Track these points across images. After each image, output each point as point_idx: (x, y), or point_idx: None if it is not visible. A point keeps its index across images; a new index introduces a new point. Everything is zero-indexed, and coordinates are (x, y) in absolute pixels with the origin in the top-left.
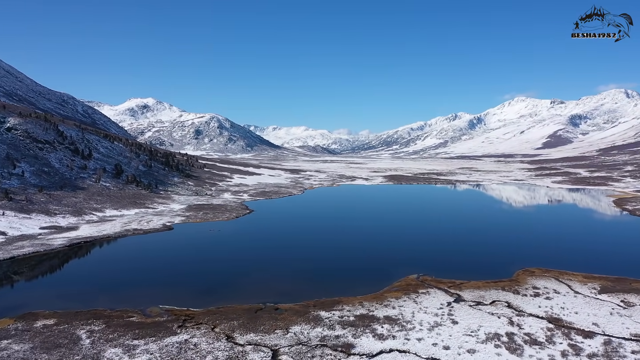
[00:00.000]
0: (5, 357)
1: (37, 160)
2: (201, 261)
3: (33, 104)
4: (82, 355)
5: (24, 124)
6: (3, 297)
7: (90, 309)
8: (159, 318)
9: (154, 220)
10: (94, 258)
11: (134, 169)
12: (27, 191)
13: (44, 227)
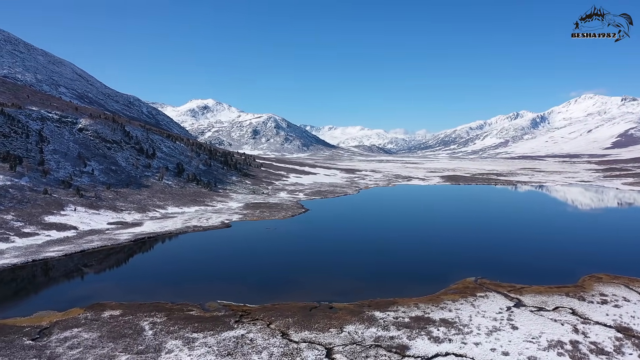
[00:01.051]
0: (75, 344)
1: (106, 159)
2: (257, 258)
3: (102, 105)
4: (145, 345)
5: (94, 124)
6: (74, 288)
7: (152, 302)
8: (217, 313)
9: (212, 217)
10: (157, 253)
11: (194, 167)
12: (96, 188)
13: (111, 223)
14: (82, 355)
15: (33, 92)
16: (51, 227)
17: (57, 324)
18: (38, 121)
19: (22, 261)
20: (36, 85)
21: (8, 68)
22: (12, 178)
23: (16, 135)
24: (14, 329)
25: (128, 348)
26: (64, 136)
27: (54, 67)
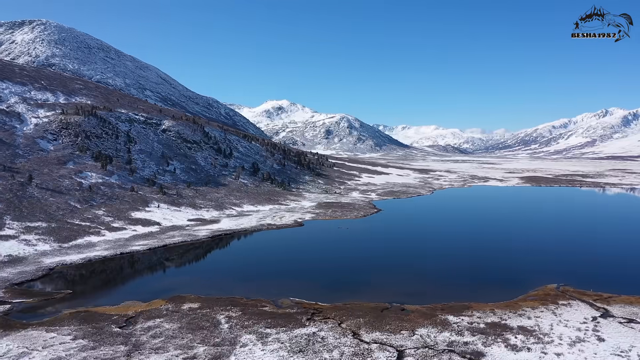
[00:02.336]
0: (158, 334)
1: (186, 158)
2: (329, 257)
3: (184, 107)
4: (222, 338)
5: (176, 125)
6: (157, 280)
7: (228, 296)
8: (289, 310)
9: (286, 216)
10: (232, 249)
11: (269, 167)
12: (177, 186)
13: (191, 219)
14: (163, 345)
15: (122, 96)
16: (137, 222)
17: (141, 313)
18: (126, 123)
19: (112, 254)
20: (125, 89)
21: (101, 73)
22: (103, 176)
23: (107, 136)
24: (103, 316)
25: (205, 340)
26: (149, 137)
27: (141, 72)
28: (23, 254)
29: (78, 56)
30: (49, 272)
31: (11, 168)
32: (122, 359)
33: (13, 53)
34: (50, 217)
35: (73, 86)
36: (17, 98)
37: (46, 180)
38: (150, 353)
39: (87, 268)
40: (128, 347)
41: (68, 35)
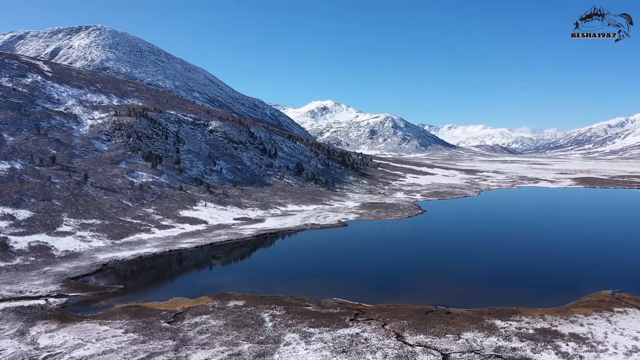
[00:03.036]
0: (204, 330)
1: (233, 158)
2: (373, 258)
3: (230, 108)
4: (266, 336)
5: (223, 126)
6: (204, 278)
7: (272, 295)
8: (333, 310)
9: (330, 216)
10: (277, 248)
11: (313, 167)
12: (224, 186)
13: (237, 218)
14: (209, 341)
15: (171, 98)
16: (185, 220)
17: (189, 309)
18: (175, 124)
19: (161, 251)
20: (174, 90)
21: (152, 76)
22: (153, 175)
23: (157, 137)
24: (153, 311)
25: (250, 337)
26: (197, 137)
27: (189, 74)
28: (79, 250)
29: (130, 59)
30: (103, 268)
31: (68, 167)
32: (170, 353)
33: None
34: (104, 214)
35: (125, 89)
36: (74, 100)
37: (100, 179)
38: (197, 348)
39: (137, 264)
40: (176, 342)
41: (121, 39)
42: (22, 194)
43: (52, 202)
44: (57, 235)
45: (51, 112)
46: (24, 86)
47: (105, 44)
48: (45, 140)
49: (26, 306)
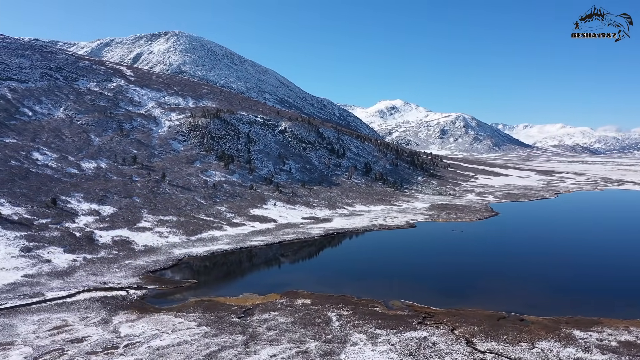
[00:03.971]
0: (273, 326)
1: (301, 158)
2: (442, 260)
3: (299, 109)
4: (332, 335)
5: (292, 126)
6: (273, 275)
7: (339, 294)
8: (400, 312)
9: (398, 217)
10: (344, 248)
11: (381, 167)
12: (292, 185)
13: (305, 217)
14: (277, 337)
15: (243, 99)
16: (255, 219)
17: (258, 306)
18: (247, 124)
19: (232, 247)
20: (246, 92)
21: (225, 78)
22: (225, 174)
23: (229, 137)
24: (224, 306)
25: (317, 336)
26: (267, 137)
27: (260, 76)
28: (156, 245)
29: (205, 63)
30: (178, 262)
31: (148, 166)
32: (240, 347)
33: (151, 62)
34: (180, 211)
35: (200, 91)
36: (153, 103)
37: (176, 178)
38: (266, 344)
39: (210, 260)
40: (245, 336)
41: (197, 44)
42: (107, 191)
43: (133, 199)
44: (137, 230)
45: (133, 114)
46: (109, 90)
47: (182, 49)
48: (128, 140)
49: (109, 296)
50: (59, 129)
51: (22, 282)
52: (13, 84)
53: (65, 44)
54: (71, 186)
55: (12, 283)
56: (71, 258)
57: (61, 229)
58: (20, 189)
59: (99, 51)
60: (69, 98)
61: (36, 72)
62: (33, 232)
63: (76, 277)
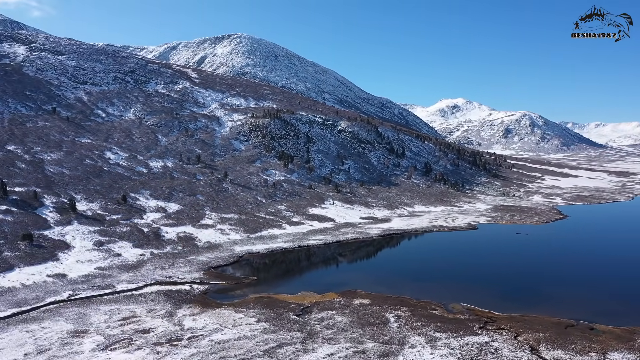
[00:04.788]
0: (330, 325)
1: (360, 158)
2: (505, 264)
3: (358, 108)
4: (390, 336)
5: (351, 126)
6: (330, 274)
7: (398, 296)
8: (461, 315)
9: (459, 218)
10: (403, 249)
11: (441, 167)
12: (351, 185)
13: (363, 217)
14: (335, 336)
15: (303, 99)
16: (314, 218)
17: (316, 304)
18: (306, 124)
19: (291, 246)
20: (305, 92)
21: (285, 79)
22: (285, 174)
23: (289, 137)
24: (282, 303)
25: (374, 336)
26: (326, 137)
27: (320, 76)
28: (218, 242)
29: (266, 64)
30: (239, 259)
31: (211, 165)
32: (298, 344)
33: (215, 64)
34: (241, 209)
35: (261, 92)
36: (216, 104)
37: (238, 177)
38: (323, 343)
39: (269, 257)
40: (303, 334)
41: (258, 45)
42: (172, 189)
43: (197, 197)
44: (201, 227)
45: (197, 115)
46: (175, 92)
47: (244, 51)
48: (192, 140)
49: (174, 290)
50: (129, 129)
51: (95, 274)
52: (88, 87)
53: (136, 49)
54: (140, 184)
55: (86, 275)
56: (139, 252)
57: (130, 225)
58: (94, 187)
59: (167, 54)
60: (139, 100)
61: (109, 76)
62: (105, 227)
63: (144, 271)
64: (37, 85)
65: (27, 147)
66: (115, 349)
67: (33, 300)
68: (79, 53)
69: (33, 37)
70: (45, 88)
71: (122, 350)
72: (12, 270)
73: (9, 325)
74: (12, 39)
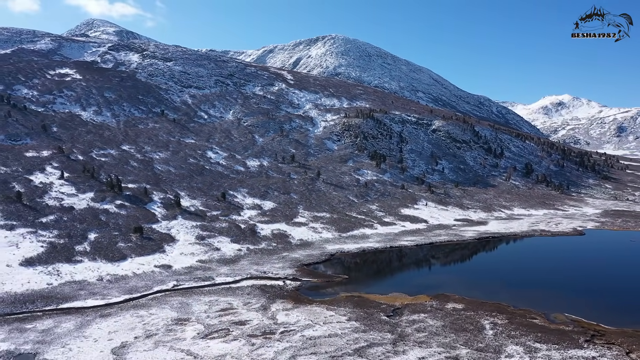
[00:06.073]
0: (422, 328)
1: (455, 158)
2: (616, 274)
3: (454, 107)
4: (485, 344)
5: (446, 125)
6: (422, 276)
7: (494, 302)
8: (564, 326)
9: (563, 222)
10: (500, 253)
11: (544, 168)
12: (445, 186)
13: (458, 219)
14: (426, 340)
15: (396, 99)
16: (405, 218)
17: (407, 306)
18: (399, 124)
19: (382, 246)
20: (399, 91)
21: (378, 79)
22: (377, 174)
23: (381, 137)
24: (373, 303)
25: (468, 343)
26: (420, 137)
27: (414, 75)
28: (311, 240)
29: (360, 64)
30: (330, 258)
31: (304, 165)
32: (389, 346)
33: (309, 66)
34: (333, 208)
35: (354, 92)
36: (310, 105)
37: (330, 176)
38: (414, 345)
39: (360, 257)
40: (394, 336)
41: (352, 46)
42: (268, 188)
43: (291, 196)
44: (294, 225)
45: (292, 116)
46: (271, 93)
47: (338, 52)
48: (287, 140)
49: (268, 285)
50: (229, 130)
51: (196, 266)
52: (193, 90)
53: (236, 53)
54: (238, 182)
55: (189, 267)
56: (236, 248)
57: (229, 221)
58: (197, 184)
59: (264, 57)
60: (237, 102)
61: (211, 80)
62: (206, 223)
63: (240, 265)
64: (148, 89)
65: (138, 147)
66: (214, 338)
67: (142, 288)
68: (184, 59)
69: (145, 45)
70: (155, 92)
71: (220, 339)
72: (125, 260)
73: (122, 310)
74: (127, 48)
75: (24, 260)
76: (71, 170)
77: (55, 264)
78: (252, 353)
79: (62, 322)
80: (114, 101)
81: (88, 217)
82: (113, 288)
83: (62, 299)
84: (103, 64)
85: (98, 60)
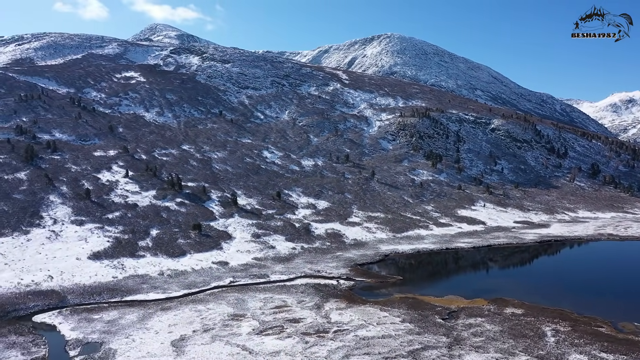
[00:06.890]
0: (479, 332)
1: (515, 158)
2: None
3: (514, 105)
4: (547, 351)
5: (506, 124)
6: (479, 279)
7: (556, 308)
8: (633, 336)
9: (633, 227)
10: (563, 257)
11: (612, 169)
12: (504, 186)
13: (517, 222)
14: (484, 344)
15: (453, 97)
16: (462, 220)
17: (463, 309)
18: (456, 123)
19: (437, 247)
20: (456, 90)
21: (435, 77)
22: (433, 174)
23: (438, 136)
24: (428, 305)
25: (528, 349)
26: (478, 136)
27: (472, 73)
28: (365, 240)
29: (416, 63)
30: (384, 258)
31: (359, 165)
32: (444, 349)
33: (364, 65)
34: (387, 209)
35: (410, 91)
36: (365, 104)
37: (385, 176)
38: (471, 350)
39: (415, 258)
40: (449, 339)
41: (408, 44)
42: (322, 187)
43: (345, 195)
44: (348, 225)
45: (347, 116)
46: (326, 93)
47: (393, 50)
48: (341, 140)
49: (322, 284)
50: (284, 130)
51: (252, 263)
52: (249, 91)
53: (291, 54)
54: (292, 181)
55: (245, 264)
56: (291, 246)
57: (283, 220)
58: (253, 183)
59: (319, 58)
60: (293, 102)
61: (267, 80)
62: (261, 221)
63: (294, 264)
64: (207, 91)
65: (198, 147)
66: (269, 335)
67: (200, 284)
68: (242, 60)
69: (204, 48)
70: (213, 93)
71: (274, 336)
72: (185, 256)
73: (181, 304)
74: (188, 51)
75: (92, 254)
76: (135, 169)
77: (120, 258)
78: (306, 351)
79: (126, 314)
80: (175, 102)
81: (150, 214)
82: (173, 283)
83: (126, 291)
84: (165, 67)
85: (160, 63)
